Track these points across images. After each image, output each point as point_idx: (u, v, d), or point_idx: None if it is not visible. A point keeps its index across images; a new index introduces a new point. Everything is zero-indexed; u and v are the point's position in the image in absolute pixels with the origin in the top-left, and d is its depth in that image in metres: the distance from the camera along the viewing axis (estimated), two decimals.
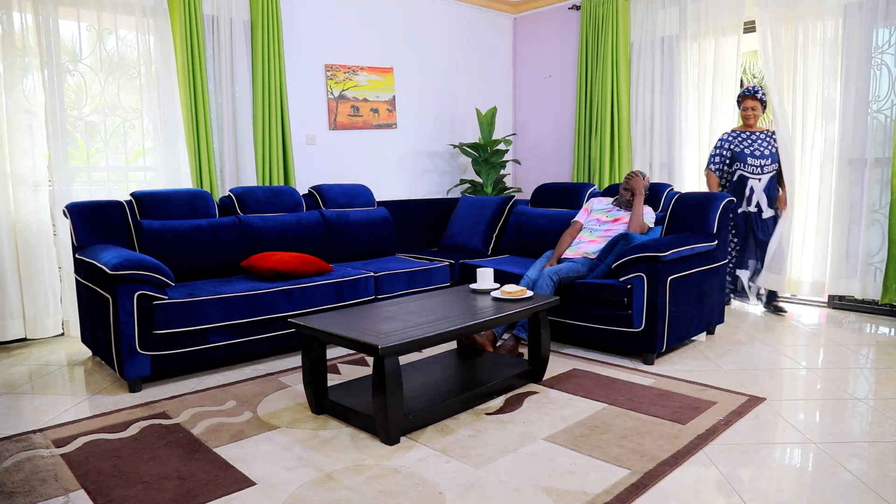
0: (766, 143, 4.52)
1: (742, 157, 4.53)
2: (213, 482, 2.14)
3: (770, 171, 4.49)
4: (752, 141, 4.52)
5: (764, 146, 4.51)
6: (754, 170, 4.49)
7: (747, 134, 4.56)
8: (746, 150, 4.52)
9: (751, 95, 4.51)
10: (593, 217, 4.05)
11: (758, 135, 4.54)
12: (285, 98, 4.75)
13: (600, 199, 4.21)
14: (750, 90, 4.53)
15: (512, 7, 6.48)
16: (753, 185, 4.50)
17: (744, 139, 4.55)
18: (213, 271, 3.78)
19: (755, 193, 4.51)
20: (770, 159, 4.49)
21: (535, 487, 2.07)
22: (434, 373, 3.07)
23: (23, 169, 3.86)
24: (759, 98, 4.51)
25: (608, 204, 4.10)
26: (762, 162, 4.49)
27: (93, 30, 4.08)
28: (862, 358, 3.49)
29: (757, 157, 4.50)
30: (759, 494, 2.01)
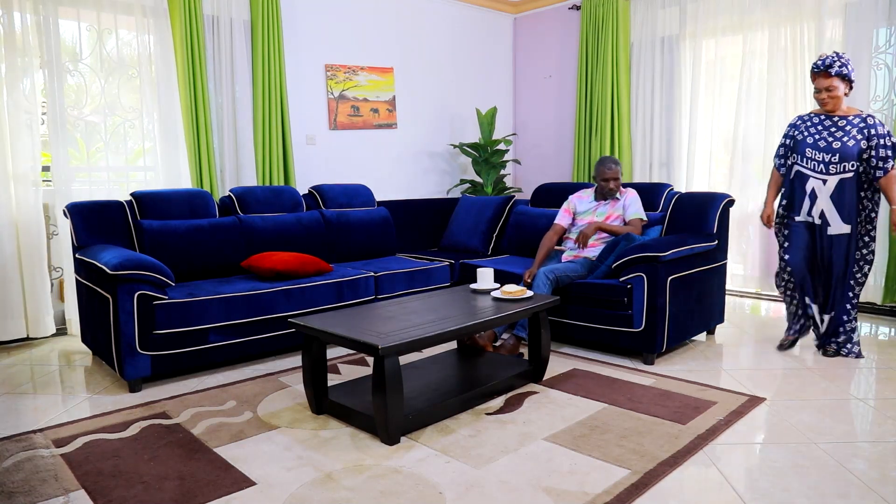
0: (842, 132, 3.30)
1: (801, 148, 3.41)
2: (213, 482, 2.14)
3: (842, 172, 3.29)
4: (825, 128, 3.36)
5: (837, 136, 3.31)
6: (815, 166, 3.35)
7: (821, 118, 3.41)
8: (809, 139, 3.39)
9: (822, 72, 3.29)
10: (583, 220, 3.89)
11: (835, 120, 3.35)
12: (285, 98, 4.75)
13: (579, 195, 4.02)
14: (820, 65, 3.29)
15: (512, 7, 6.48)
16: (816, 187, 3.36)
17: (813, 124, 3.42)
18: (213, 271, 3.78)
19: (819, 200, 3.36)
20: (844, 155, 3.28)
21: (535, 487, 2.07)
22: (434, 373, 3.07)
23: (23, 168, 3.86)
24: (833, 73, 3.26)
25: (591, 201, 3.94)
26: (827, 157, 3.31)
27: (93, 30, 4.08)
28: (862, 358, 3.49)
29: (820, 149, 3.34)
30: (759, 494, 2.01)
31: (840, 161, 3.29)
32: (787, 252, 3.53)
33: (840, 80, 3.28)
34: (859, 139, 3.27)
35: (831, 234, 3.36)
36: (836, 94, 3.30)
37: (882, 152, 3.24)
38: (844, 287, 3.40)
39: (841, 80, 3.28)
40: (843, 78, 3.27)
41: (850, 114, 3.34)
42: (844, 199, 3.32)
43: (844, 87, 3.30)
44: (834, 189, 3.32)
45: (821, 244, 3.41)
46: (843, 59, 3.27)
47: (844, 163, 3.28)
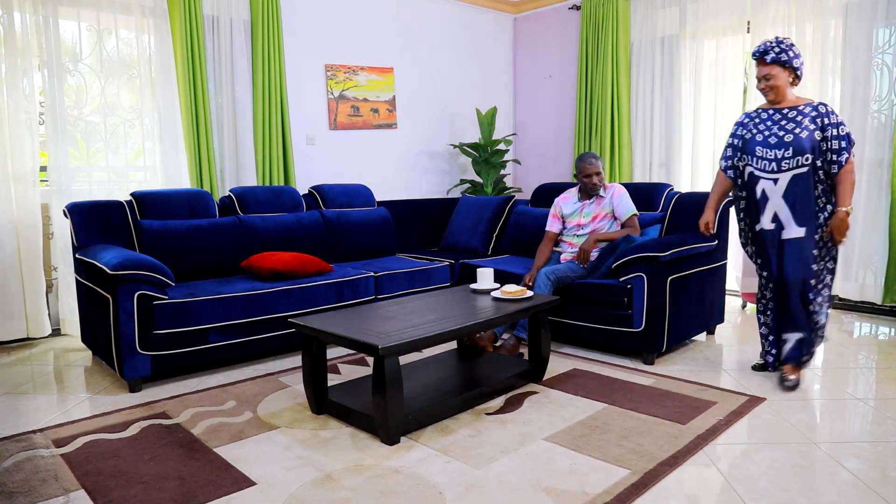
0: (794, 123, 2.92)
1: (750, 148, 3.03)
2: (213, 482, 2.14)
3: (795, 168, 2.90)
4: (774, 122, 2.98)
5: (789, 129, 2.92)
6: (766, 165, 2.95)
7: (770, 112, 3.02)
8: (758, 137, 3.00)
9: (759, 59, 2.96)
10: (572, 223, 3.84)
11: (785, 112, 2.97)
12: (285, 98, 4.75)
13: (564, 197, 3.94)
14: (756, 52, 2.97)
15: (512, 7, 6.48)
16: (766, 188, 2.96)
17: (762, 120, 3.03)
18: (213, 271, 3.78)
19: (770, 202, 2.96)
20: (797, 148, 2.88)
21: (535, 487, 2.07)
22: (434, 373, 3.07)
23: (23, 169, 3.86)
24: (769, 60, 2.92)
25: (576, 201, 3.87)
26: (779, 153, 2.91)
27: (93, 30, 4.08)
28: (862, 358, 3.49)
29: (771, 145, 2.94)
30: (759, 494, 2.01)
31: (793, 155, 2.90)
32: (763, 268, 3.09)
33: (780, 68, 2.92)
34: (812, 129, 2.90)
35: (785, 238, 2.94)
36: (776, 83, 2.95)
37: (835, 144, 2.88)
38: (805, 302, 2.98)
39: (781, 68, 2.92)
40: (783, 66, 2.92)
41: (800, 103, 2.97)
42: (798, 198, 2.91)
43: (787, 76, 2.94)
44: (786, 187, 2.92)
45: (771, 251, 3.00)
46: (784, 46, 2.90)
47: (798, 157, 2.89)
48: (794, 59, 2.92)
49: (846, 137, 2.89)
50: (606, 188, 3.82)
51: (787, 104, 3.00)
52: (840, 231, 2.89)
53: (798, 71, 2.96)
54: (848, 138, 2.89)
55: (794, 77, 2.97)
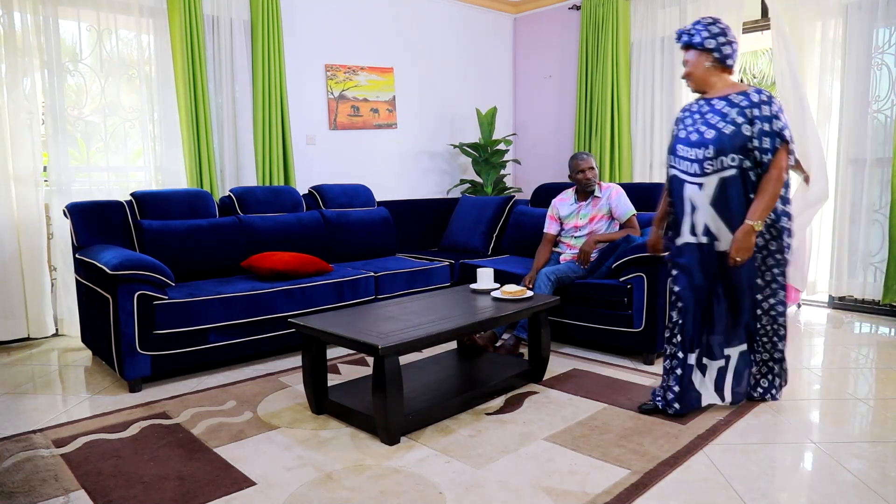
0: (719, 116, 2.47)
1: (673, 146, 2.61)
2: (213, 482, 2.14)
3: (721, 170, 2.44)
4: (700, 115, 2.54)
5: (713, 123, 2.47)
6: (689, 166, 2.51)
7: (700, 104, 2.59)
8: (682, 133, 2.58)
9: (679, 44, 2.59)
10: (569, 224, 3.83)
11: (713, 103, 2.52)
12: (285, 98, 4.75)
13: (560, 199, 3.92)
14: (675, 37, 2.62)
15: (512, 7, 6.48)
16: (691, 194, 2.52)
17: (691, 114, 2.60)
18: (213, 271, 3.78)
19: (699, 211, 2.51)
20: (720, 146, 2.43)
21: (535, 487, 2.07)
22: (434, 373, 3.07)
23: (23, 169, 3.86)
24: (682, 44, 2.55)
25: (572, 202, 3.86)
26: (700, 152, 2.47)
27: (93, 30, 4.08)
28: (862, 358, 3.49)
29: (692, 143, 2.50)
30: (759, 494, 2.01)
31: (716, 155, 2.43)
32: (676, 282, 2.63)
33: (694, 52, 2.51)
34: (740, 123, 2.42)
35: (720, 250, 2.51)
36: (692, 70, 2.54)
37: (764, 142, 2.41)
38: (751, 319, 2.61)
39: (696, 52, 2.51)
40: (700, 50, 2.49)
41: (732, 91, 2.50)
42: (731, 205, 2.46)
43: (706, 61, 2.50)
44: (714, 193, 2.46)
45: (712, 269, 2.55)
46: (700, 26, 2.50)
47: (722, 156, 2.43)
48: (707, 41, 2.47)
49: (774, 134, 2.40)
50: (602, 188, 3.81)
51: (716, 93, 2.54)
52: (737, 249, 2.41)
53: (716, 53, 2.48)
54: (778, 135, 2.40)
55: (716, 61, 2.50)
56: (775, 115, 2.42)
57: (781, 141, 2.41)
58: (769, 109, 2.42)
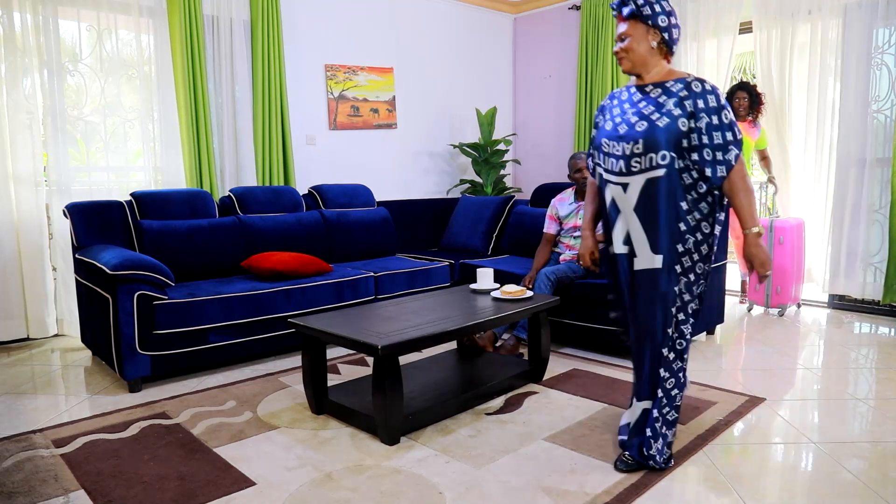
0: (654, 106, 2.09)
1: (597, 140, 2.24)
2: (213, 482, 2.14)
3: (648, 169, 2.06)
4: (632, 105, 2.16)
5: (646, 114, 2.09)
6: (614, 164, 2.14)
7: (632, 91, 2.20)
8: (608, 125, 2.20)
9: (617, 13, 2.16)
10: (569, 224, 3.83)
11: (648, 90, 2.14)
12: (285, 98, 4.75)
13: (560, 198, 3.92)
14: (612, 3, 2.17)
15: (512, 7, 6.48)
16: (615, 196, 2.16)
17: (621, 102, 2.22)
18: (213, 271, 3.78)
19: (622, 216, 2.16)
20: (650, 142, 2.05)
21: (535, 487, 2.07)
22: (434, 373, 3.07)
23: (24, 169, 3.86)
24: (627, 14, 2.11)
25: (572, 203, 3.86)
26: (628, 147, 2.09)
27: (93, 30, 4.08)
28: (862, 358, 3.49)
29: (619, 136, 2.13)
30: (759, 494, 2.01)
31: (644, 151, 2.05)
32: (616, 305, 2.33)
33: (642, 26, 2.09)
34: (677, 115, 2.04)
35: (637, 268, 2.14)
36: (632, 45, 2.11)
37: (717, 137, 2.03)
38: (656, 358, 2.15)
39: (644, 27, 2.09)
40: (647, 22, 2.08)
41: (669, 79, 2.12)
42: (657, 213, 2.07)
43: (651, 38, 2.09)
44: (638, 197, 2.09)
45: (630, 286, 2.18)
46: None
47: (651, 153, 2.04)
48: (660, 16, 2.08)
49: (729, 127, 2.04)
50: None
51: (651, 79, 2.15)
52: (759, 261, 2.07)
53: (666, 34, 2.10)
54: (732, 128, 2.04)
55: (663, 43, 2.12)
56: (724, 107, 2.05)
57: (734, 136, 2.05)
58: (715, 101, 2.05)
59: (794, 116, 4.74)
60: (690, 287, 2.12)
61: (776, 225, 4.42)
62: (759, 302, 4.56)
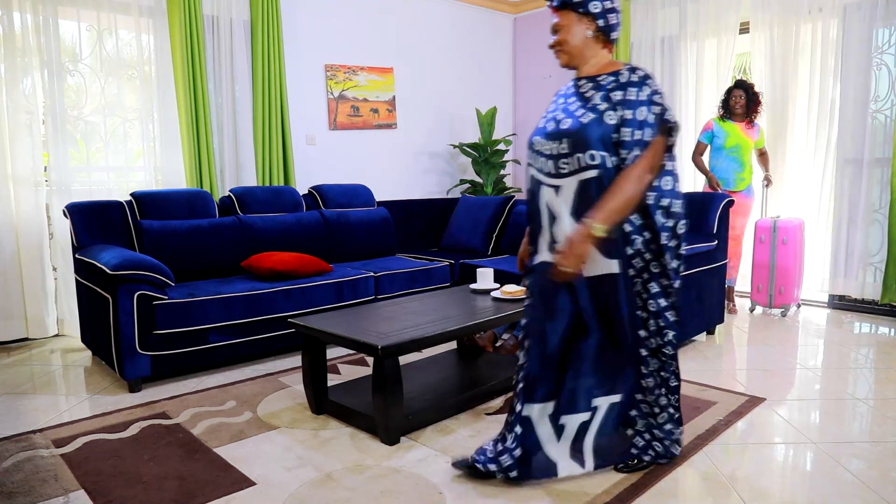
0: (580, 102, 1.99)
1: (531, 138, 2.09)
2: (213, 482, 2.14)
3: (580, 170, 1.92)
4: (566, 99, 2.05)
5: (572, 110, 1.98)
6: (545, 164, 2.01)
7: (570, 85, 2.09)
8: (542, 123, 2.08)
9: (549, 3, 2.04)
10: None
11: (581, 84, 2.03)
12: (285, 98, 4.75)
13: None
14: None
15: (512, 7, 6.48)
16: (549, 199, 2.01)
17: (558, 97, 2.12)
18: (213, 271, 3.78)
19: (559, 221, 1.99)
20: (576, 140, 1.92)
21: (535, 487, 2.06)
22: (434, 373, 3.07)
23: (23, 169, 3.86)
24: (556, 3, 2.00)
25: None
26: (555, 146, 1.97)
27: (93, 30, 4.08)
28: (862, 358, 3.49)
29: (547, 134, 2.01)
30: (759, 494, 2.01)
31: (572, 151, 1.92)
32: (525, 313, 2.13)
33: (574, 16, 1.96)
34: (603, 109, 1.91)
35: (588, 275, 1.98)
36: (565, 37, 1.99)
37: (628, 133, 1.88)
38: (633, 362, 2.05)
39: (576, 16, 1.96)
40: (580, 14, 1.96)
41: (604, 71, 1.99)
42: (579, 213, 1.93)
43: (587, 28, 1.97)
44: (574, 200, 1.94)
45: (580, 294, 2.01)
46: None
47: (579, 153, 1.91)
48: (591, 3, 1.94)
49: (644, 124, 1.88)
50: None
51: (586, 72, 2.02)
52: (564, 255, 1.88)
53: (601, 20, 1.96)
54: (650, 126, 1.89)
55: (599, 31, 1.98)
56: (649, 100, 1.90)
57: (654, 132, 1.89)
58: (638, 92, 1.90)
59: (794, 116, 4.74)
60: (648, 286, 2.00)
61: (779, 225, 4.39)
62: (762, 303, 4.55)
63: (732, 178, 4.47)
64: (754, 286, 4.59)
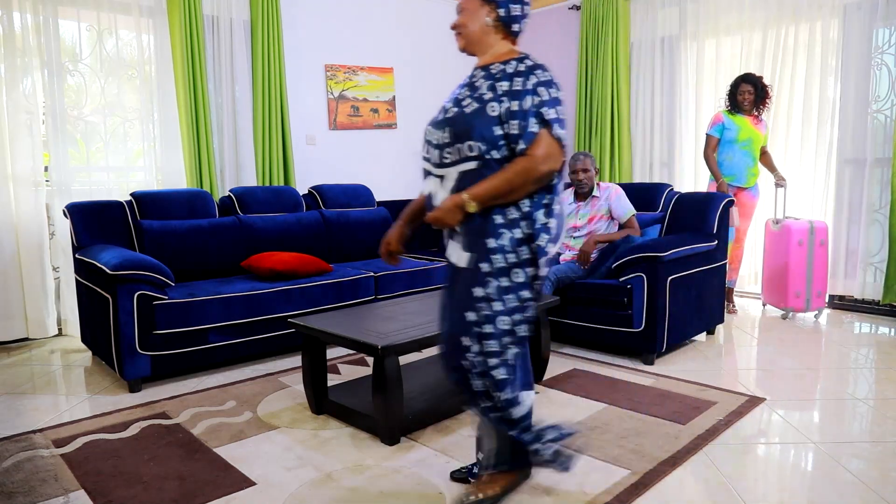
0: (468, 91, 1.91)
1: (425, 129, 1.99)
2: (213, 482, 2.14)
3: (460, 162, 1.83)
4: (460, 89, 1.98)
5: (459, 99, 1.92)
6: (431, 154, 1.92)
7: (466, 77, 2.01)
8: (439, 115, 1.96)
9: None
10: (568, 225, 3.80)
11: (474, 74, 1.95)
12: (285, 98, 4.75)
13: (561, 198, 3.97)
14: None
15: None
16: (433, 190, 1.93)
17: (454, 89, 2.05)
18: (213, 271, 3.78)
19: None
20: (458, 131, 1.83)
21: (535, 487, 2.07)
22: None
23: (23, 169, 3.86)
24: None
25: (571, 203, 3.84)
26: (440, 136, 1.88)
27: (93, 30, 4.08)
28: (862, 358, 3.49)
29: (436, 123, 1.93)
30: (759, 494, 2.01)
31: (453, 140, 1.83)
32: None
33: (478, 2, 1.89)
34: (487, 99, 1.82)
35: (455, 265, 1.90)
36: (464, 20, 1.93)
37: (515, 125, 1.76)
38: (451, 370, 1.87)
39: (480, 2, 1.89)
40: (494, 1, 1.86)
41: (496, 60, 1.89)
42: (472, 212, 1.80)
43: (487, 15, 1.88)
44: (454, 190, 1.84)
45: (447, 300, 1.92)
46: None
47: (459, 143, 1.82)
48: None
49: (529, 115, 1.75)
50: (601, 188, 3.80)
51: (484, 62, 1.94)
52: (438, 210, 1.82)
53: (502, 9, 1.86)
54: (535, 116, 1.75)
55: (499, 21, 1.88)
56: (533, 90, 1.76)
57: (541, 124, 1.75)
58: (524, 82, 1.77)
59: (794, 116, 4.73)
60: (502, 295, 1.79)
61: (816, 227, 4.22)
62: (798, 308, 4.28)
63: (744, 173, 4.33)
64: (791, 292, 4.25)
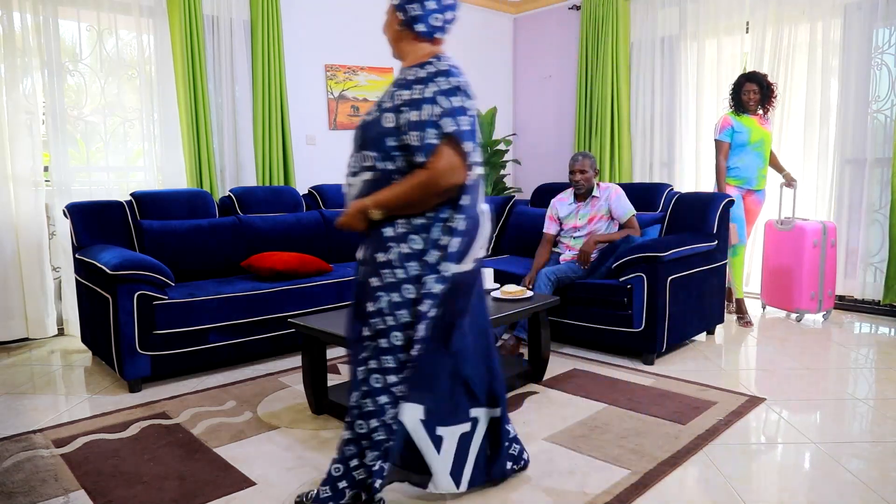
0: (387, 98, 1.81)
1: None
2: (213, 482, 2.14)
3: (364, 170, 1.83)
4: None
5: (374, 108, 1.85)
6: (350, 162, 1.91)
7: None
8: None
9: None
10: (568, 225, 3.81)
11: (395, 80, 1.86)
12: (285, 98, 4.75)
13: (560, 198, 3.89)
14: None
15: (512, 7, 6.48)
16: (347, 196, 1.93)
17: None
18: (213, 271, 3.78)
19: None
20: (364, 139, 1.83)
21: (535, 487, 2.07)
22: None
23: (23, 169, 3.86)
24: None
25: (571, 203, 3.83)
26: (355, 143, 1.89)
27: (93, 30, 4.08)
28: (862, 358, 3.49)
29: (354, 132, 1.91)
30: (759, 494, 2.01)
31: (360, 148, 1.83)
32: None
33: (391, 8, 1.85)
34: (386, 108, 1.77)
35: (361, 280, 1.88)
36: (385, 28, 1.90)
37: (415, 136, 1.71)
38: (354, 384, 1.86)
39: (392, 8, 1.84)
40: (394, 5, 1.83)
41: (414, 64, 1.81)
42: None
43: (396, 20, 1.83)
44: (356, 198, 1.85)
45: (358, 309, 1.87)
46: None
47: (364, 151, 1.81)
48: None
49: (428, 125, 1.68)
50: (601, 188, 3.80)
51: (403, 65, 1.88)
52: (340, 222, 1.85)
53: (401, 13, 1.81)
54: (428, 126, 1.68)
55: (406, 27, 1.82)
56: (432, 99, 1.69)
57: (441, 136, 1.69)
58: (423, 90, 1.70)
59: (794, 116, 4.74)
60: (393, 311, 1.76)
61: (828, 227, 4.18)
62: (812, 310, 4.24)
63: (756, 175, 4.19)
64: (805, 293, 4.19)
